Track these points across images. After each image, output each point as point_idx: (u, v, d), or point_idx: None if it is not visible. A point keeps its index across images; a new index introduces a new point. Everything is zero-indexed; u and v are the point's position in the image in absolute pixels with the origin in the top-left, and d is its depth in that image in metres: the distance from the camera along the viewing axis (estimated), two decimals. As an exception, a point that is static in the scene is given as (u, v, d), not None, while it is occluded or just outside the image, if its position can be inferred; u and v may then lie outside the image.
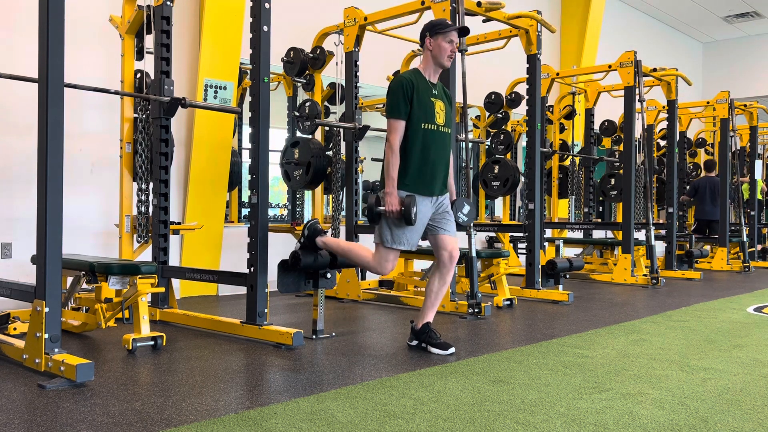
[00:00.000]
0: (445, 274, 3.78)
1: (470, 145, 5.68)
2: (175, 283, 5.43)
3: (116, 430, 2.37)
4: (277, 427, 2.42)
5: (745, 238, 9.55)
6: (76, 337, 4.09)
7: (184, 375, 3.19)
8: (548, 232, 9.11)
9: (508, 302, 5.57)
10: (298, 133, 6.33)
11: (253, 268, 4.04)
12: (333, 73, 6.41)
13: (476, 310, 4.92)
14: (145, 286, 3.67)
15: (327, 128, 6.72)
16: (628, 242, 7.38)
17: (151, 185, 4.76)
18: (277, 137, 6.95)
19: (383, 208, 3.60)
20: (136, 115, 4.80)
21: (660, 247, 9.06)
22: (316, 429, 2.40)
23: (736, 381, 3.14)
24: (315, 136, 6.20)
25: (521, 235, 7.37)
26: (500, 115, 8.66)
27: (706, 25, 14.75)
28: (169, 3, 4.68)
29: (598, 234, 10.79)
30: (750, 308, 5.64)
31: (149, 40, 4.86)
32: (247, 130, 6.10)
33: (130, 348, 3.62)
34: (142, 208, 4.78)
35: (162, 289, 4.06)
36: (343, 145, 6.02)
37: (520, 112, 9.02)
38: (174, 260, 5.47)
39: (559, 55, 11.43)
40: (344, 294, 5.89)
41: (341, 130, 6.10)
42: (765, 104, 11.89)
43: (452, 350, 3.69)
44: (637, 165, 8.32)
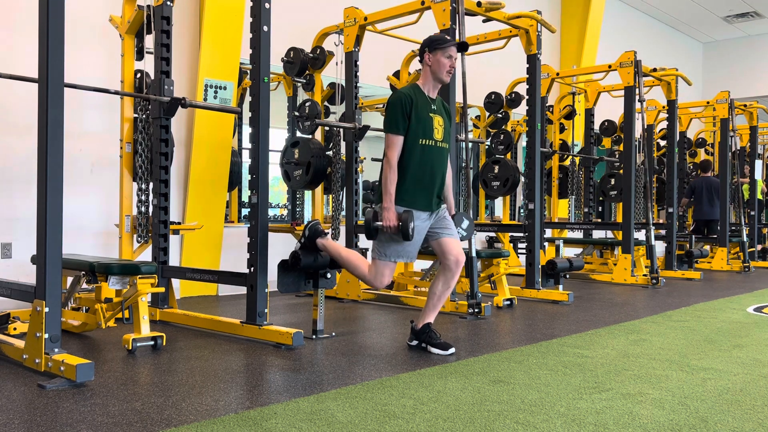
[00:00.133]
0: (450, 278, 3.78)
1: (470, 145, 5.68)
2: (175, 283, 5.43)
3: (116, 430, 2.38)
4: (277, 427, 2.42)
5: (745, 238, 9.56)
6: (76, 337, 4.09)
7: (184, 375, 3.19)
8: (548, 232, 9.11)
9: (508, 302, 5.57)
10: (298, 133, 6.33)
11: (253, 268, 4.04)
12: (333, 73, 6.41)
13: (476, 310, 4.92)
14: (145, 286, 3.67)
15: (327, 128, 6.72)
16: (628, 242, 7.38)
17: (151, 185, 4.76)
18: (277, 137, 6.95)
19: (381, 223, 3.62)
20: (136, 115, 4.80)
21: (660, 247, 9.06)
22: (316, 429, 2.40)
23: (736, 381, 3.15)
24: (315, 136, 6.20)
25: (521, 235, 7.37)
26: (500, 115, 8.66)
27: (706, 25, 14.75)
28: (169, 3, 4.68)
29: (598, 234, 10.80)
30: (750, 308, 5.64)
31: (149, 40, 4.86)
32: (247, 130, 6.10)
33: (130, 348, 3.62)
34: (142, 208, 4.78)
35: (162, 289, 4.06)
36: (343, 145, 6.02)
37: (520, 112, 9.02)
38: (174, 260, 5.47)
39: (559, 55, 11.43)
40: (344, 294, 5.89)
41: (341, 130, 6.10)
42: (765, 104, 11.89)
43: (452, 350, 3.69)
44: (637, 165, 8.32)
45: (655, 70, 8.12)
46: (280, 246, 5.89)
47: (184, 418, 2.51)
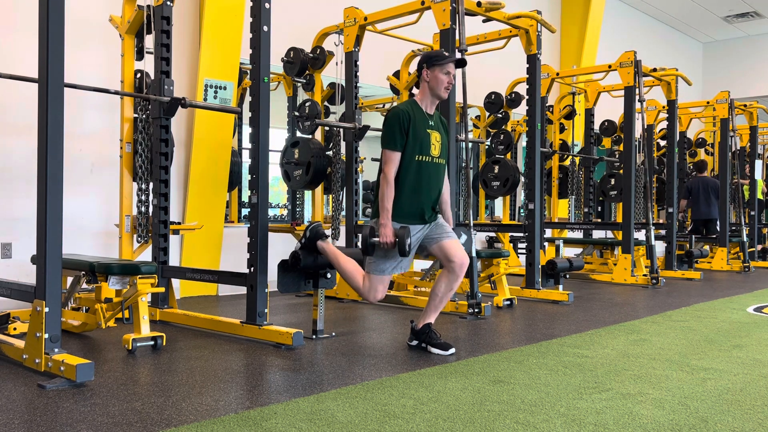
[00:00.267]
0: (453, 280, 3.77)
1: (470, 145, 5.69)
2: (175, 283, 5.43)
3: (116, 430, 2.38)
4: (277, 427, 2.42)
5: (745, 238, 9.56)
6: (76, 337, 4.09)
7: (184, 375, 3.19)
8: (548, 232, 9.11)
9: (508, 302, 5.57)
10: (298, 133, 6.33)
11: (253, 268, 4.04)
12: (333, 73, 6.41)
13: (476, 310, 4.92)
14: (145, 286, 3.67)
15: (327, 128, 6.72)
16: (628, 242, 7.38)
17: (151, 185, 4.76)
18: (277, 137, 6.95)
19: (378, 239, 3.64)
20: (136, 115, 4.80)
21: (660, 247, 9.06)
22: (316, 429, 2.40)
23: (736, 381, 3.15)
24: (315, 136, 6.20)
25: (521, 235, 7.37)
26: (500, 115, 8.66)
27: (706, 25, 14.75)
28: (169, 3, 4.68)
29: (598, 234, 10.80)
30: (750, 308, 5.64)
31: (149, 40, 4.86)
32: (247, 130, 6.10)
33: (130, 348, 3.62)
34: (142, 208, 4.78)
35: (162, 289, 4.06)
36: (343, 145, 6.02)
37: (520, 112, 9.02)
38: (174, 260, 5.47)
39: (559, 55, 11.43)
40: (344, 294, 5.89)
41: (341, 130, 6.10)
42: (765, 104, 11.89)
43: (452, 350, 3.69)
44: (637, 165, 8.33)
45: (655, 70, 8.12)
46: (280, 246, 5.89)
47: (184, 418, 2.51)
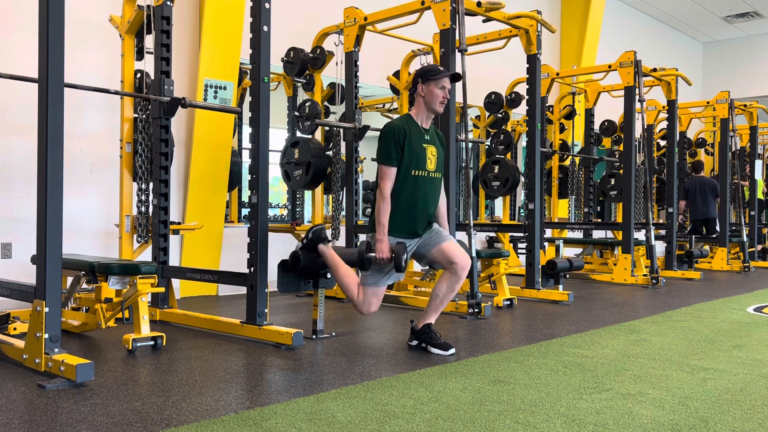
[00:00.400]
0: (455, 282, 3.78)
1: (470, 145, 5.69)
2: (175, 283, 5.43)
3: (116, 430, 2.38)
4: (277, 427, 2.42)
5: (745, 238, 9.56)
6: (76, 337, 4.09)
7: (184, 375, 3.19)
8: (548, 232, 9.11)
9: (508, 302, 5.57)
10: (298, 133, 6.33)
11: (253, 268, 4.04)
12: (333, 73, 6.41)
13: (476, 310, 4.92)
14: (145, 286, 3.67)
15: (327, 128, 6.72)
16: (628, 242, 7.38)
17: (151, 185, 4.76)
18: (277, 137, 6.95)
19: (374, 254, 3.66)
20: (136, 115, 4.80)
21: (660, 247, 9.06)
22: (316, 429, 2.40)
23: (736, 381, 3.15)
24: (315, 136, 6.20)
25: (521, 235, 7.36)
26: (500, 115, 8.66)
27: (706, 25, 14.75)
28: (169, 3, 4.68)
29: (598, 234, 10.80)
30: (750, 308, 5.64)
31: (149, 40, 4.86)
32: (247, 130, 6.10)
33: (130, 348, 3.62)
34: (142, 208, 4.78)
35: (162, 289, 4.06)
36: (343, 145, 6.02)
37: (520, 112, 9.02)
38: (174, 260, 5.47)
39: (559, 55, 11.43)
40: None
41: (341, 130, 6.10)
42: (765, 104, 11.89)
43: (452, 351, 3.69)
44: (637, 165, 8.33)
45: (655, 70, 8.12)
46: (280, 246, 5.89)
47: (184, 418, 2.51)
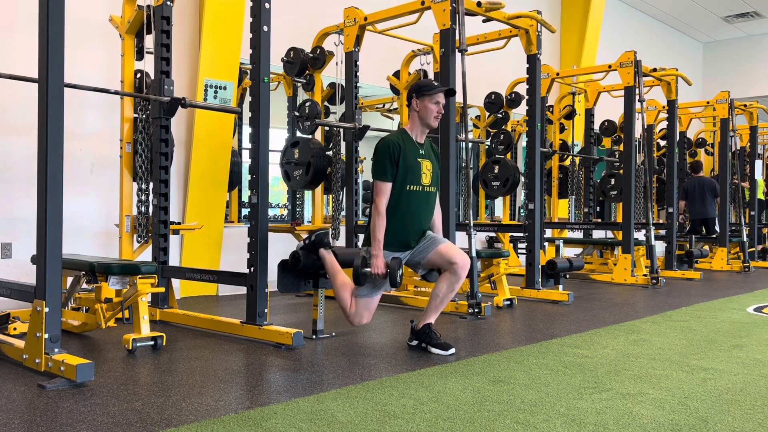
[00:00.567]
0: (455, 282, 3.78)
1: (470, 145, 5.68)
2: (175, 283, 5.43)
3: (116, 430, 2.38)
4: (277, 427, 2.42)
5: (745, 238, 9.56)
6: (76, 337, 4.09)
7: (184, 375, 3.19)
8: (548, 232, 9.11)
9: (508, 302, 5.57)
10: (298, 133, 6.33)
11: (253, 268, 4.04)
12: (333, 73, 6.41)
13: (476, 310, 4.92)
14: (145, 286, 3.67)
15: (327, 128, 6.72)
16: (628, 242, 7.38)
17: (151, 185, 4.76)
18: (277, 137, 6.95)
19: (369, 270, 3.68)
20: (136, 115, 4.80)
21: (660, 247, 9.06)
22: (316, 429, 2.40)
23: (736, 381, 3.14)
24: (315, 136, 6.20)
25: (521, 235, 7.37)
26: (500, 115, 8.66)
27: (706, 25, 14.75)
28: (169, 3, 4.68)
29: (598, 234, 10.80)
30: (750, 308, 5.64)
31: (149, 40, 4.86)
32: (247, 130, 6.10)
33: (130, 348, 3.62)
34: (142, 208, 4.78)
35: (162, 289, 4.06)
36: (343, 145, 6.02)
37: (520, 112, 9.02)
38: (174, 260, 5.47)
39: (559, 55, 11.43)
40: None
41: (341, 130, 6.10)
42: (765, 104, 11.89)
43: (452, 351, 3.69)
44: (637, 165, 8.32)
45: (655, 70, 8.12)
46: (280, 246, 5.89)
47: (184, 418, 2.51)
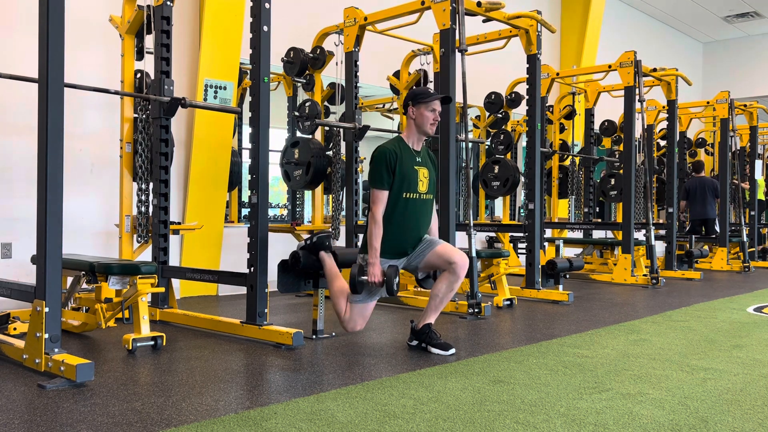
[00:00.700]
0: (454, 281, 3.78)
1: (470, 145, 5.69)
2: (175, 283, 5.43)
3: (116, 430, 2.38)
4: (277, 427, 2.42)
5: (745, 238, 9.56)
6: (76, 337, 4.09)
7: (184, 375, 3.19)
8: (548, 232, 9.11)
9: (508, 302, 5.57)
10: (298, 133, 6.33)
11: (253, 268, 4.04)
12: (333, 73, 6.41)
13: (476, 310, 4.92)
14: (145, 286, 3.67)
15: (327, 128, 6.72)
16: (628, 242, 7.38)
17: (151, 185, 4.76)
18: (277, 137, 6.95)
19: (366, 278, 3.69)
20: (136, 115, 4.80)
21: (660, 247, 9.06)
22: (316, 429, 2.40)
23: (736, 381, 3.14)
24: (315, 136, 6.20)
25: (521, 235, 7.37)
26: (500, 115, 8.66)
27: (706, 25, 14.75)
28: (169, 3, 4.68)
29: (598, 234, 10.80)
30: (750, 308, 5.64)
31: (149, 40, 4.86)
32: (247, 130, 6.10)
33: (130, 348, 3.62)
34: (142, 208, 4.78)
35: (162, 289, 4.06)
36: (343, 145, 6.02)
37: (520, 112, 9.02)
38: (174, 260, 5.47)
39: (559, 55, 11.43)
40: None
41: (341, 130, 6.10)
42: (765, 104, 11.89)
43: (452, 351, 3.68)
44: (637, 165, 8.32)
45: (655, 70, 8.11)
46: (280, 246, 5.89)
47: (184, 418, 2.51)
